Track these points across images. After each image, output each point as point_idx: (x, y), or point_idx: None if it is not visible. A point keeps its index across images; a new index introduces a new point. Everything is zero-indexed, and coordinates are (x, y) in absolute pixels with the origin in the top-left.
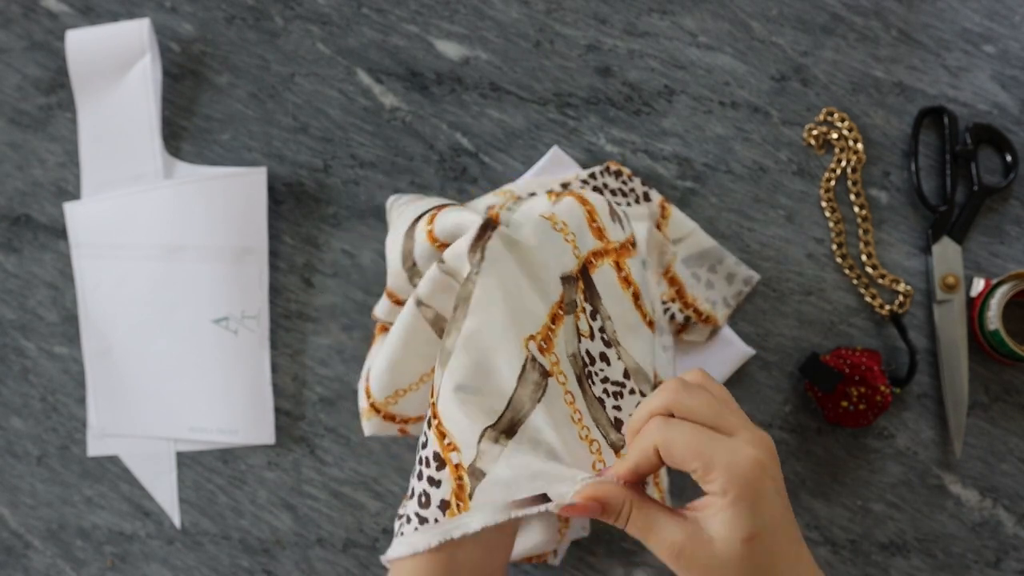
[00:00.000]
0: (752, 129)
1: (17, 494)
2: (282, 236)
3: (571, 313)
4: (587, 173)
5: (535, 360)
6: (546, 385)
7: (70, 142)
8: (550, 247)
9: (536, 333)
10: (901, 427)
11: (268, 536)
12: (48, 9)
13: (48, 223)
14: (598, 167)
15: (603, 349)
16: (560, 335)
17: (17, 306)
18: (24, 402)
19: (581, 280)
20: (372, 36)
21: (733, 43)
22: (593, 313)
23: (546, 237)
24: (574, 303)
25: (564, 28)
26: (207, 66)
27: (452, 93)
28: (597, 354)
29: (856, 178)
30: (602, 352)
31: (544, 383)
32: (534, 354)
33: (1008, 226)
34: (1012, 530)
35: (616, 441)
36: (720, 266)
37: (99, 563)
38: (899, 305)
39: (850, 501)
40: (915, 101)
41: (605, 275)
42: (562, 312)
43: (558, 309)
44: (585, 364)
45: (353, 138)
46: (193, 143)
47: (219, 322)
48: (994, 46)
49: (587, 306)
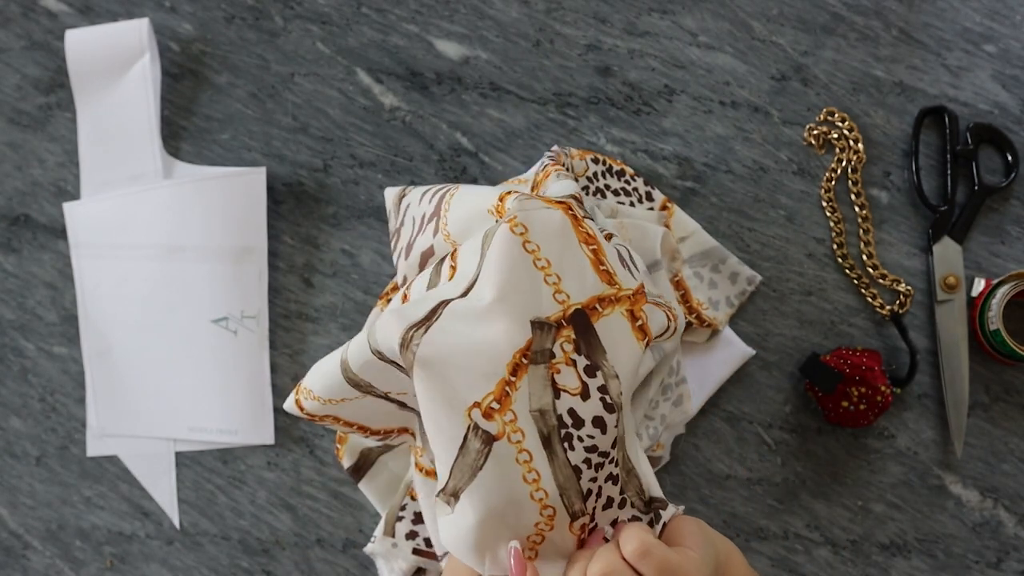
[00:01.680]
0: (752, 129)
1: (16, 494)
2: (282, 236)
3: (543, 363)
4: (591, 172)
5: (477, 428)
6: (488, 451)
7: (69, 142)
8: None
9: (483, 398)
10: (901, 427)
11: (268, 536)
12: (47, 9)
13: (47, 223)
14: (600, 166)
15: (601, 413)
16: (522, 388)
17: (16, 306)
18: (23, 402)
19: (571, 327)
20: (372, 36)
21: (733, 43)
22: (591, 368)
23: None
24: (548, 353)
25: (564, 28)
26: (207, 66)
27: (452, 93)
28: (590, 418)
29: (856, 178)
30: (598, 416)
31: (487, 449)
32: (476, 422)
33: (1009, 226)
34: (1013, 530)
35: (578, 511)
36: (723, 266)
37: (98, 563)
38: (899, 305)
39: (850, 501)
40: (916, 101)
41: (615, 325)
42: (526, 361)
43: (520, 358)
44: (563, 424)
45: (353, 138)
46: (193, 143)
47: (218, 322)
48: (995, 46)
49: (579, 359)
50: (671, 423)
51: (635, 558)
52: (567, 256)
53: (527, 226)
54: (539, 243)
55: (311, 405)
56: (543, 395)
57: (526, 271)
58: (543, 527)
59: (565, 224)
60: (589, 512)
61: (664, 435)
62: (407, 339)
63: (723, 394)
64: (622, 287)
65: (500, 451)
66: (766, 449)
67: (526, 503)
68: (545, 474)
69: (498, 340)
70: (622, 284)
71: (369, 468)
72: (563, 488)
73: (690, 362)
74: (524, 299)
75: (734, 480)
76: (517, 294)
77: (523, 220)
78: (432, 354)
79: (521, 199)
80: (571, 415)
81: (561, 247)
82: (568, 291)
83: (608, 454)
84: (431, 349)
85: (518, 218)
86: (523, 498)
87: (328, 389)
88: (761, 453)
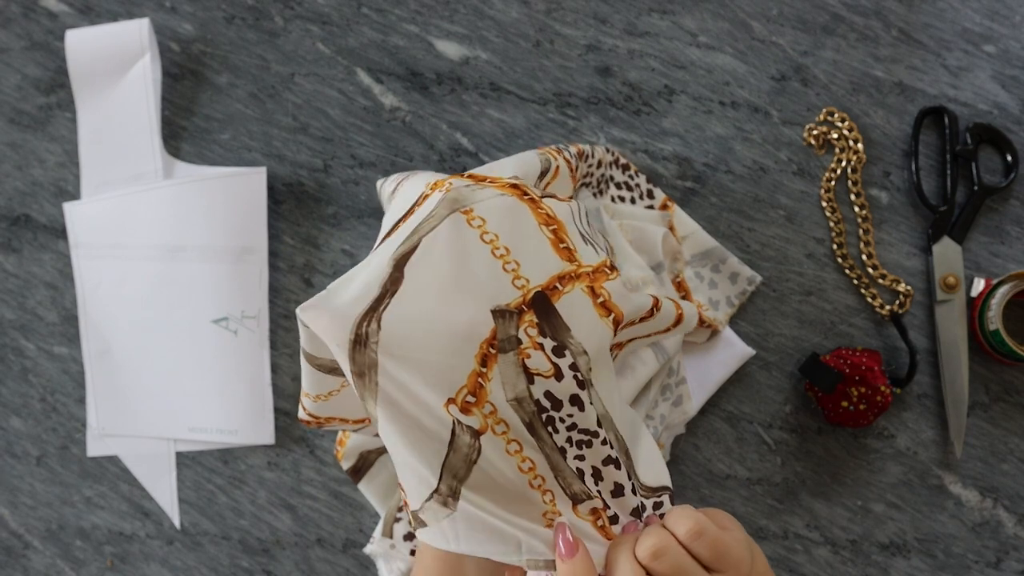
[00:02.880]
0: (752, 129)
1: (17, 494)
2: (282, 236)
3: (511, 351)
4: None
5: (461, 423)
6: (479, 446)
7: (70, 142)
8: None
9: (456, 393)
10: (901, 427)
11: (268, 536)
12: (48, 9)
13: (48, 223)
14: (609, 156)
15: (575, 391)
16: (494, 379)
17: (17, 306)
18: (24, 402)
19: (532, 311)
20: (372, 36)
21: (733, 43)
22: (558, 348)
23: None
24: (514, 340)
25: (564, 28)
26: (207, 66)
27: (452, 93)
28: (567, 397)
29: (856, 178)
30: (574, 395)
31: (476, 444)
32: (457, 417)
33: (1008, 226)
34: (1012, 530)
35: (579, 492)
36: (723, 266)
37: (99, 563)
38: (899, 305)
39: (850, 501)
40: (915, 101)
41: (576, 302)
42: (493, 351)
43: (488, 348)
44: (543, 409)
45: (353, 138)
46: (193, 143)
47: (219, 322)
48: (994, 46)
49: (546, 341)
50: (671, 423)
51: (689, 538)
52: (525, 240)
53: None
54: (496, 232)
55: (310, 406)
56: (517, 382)
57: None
58: (551, 515)
59: (520, 208)
60: (595, 495)
61: (664, 435)
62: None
63: (723, 394)
64: (582, 264)
65: (489, 444)
66: (766, 449)
67: (528, 492)
68: (539, 461)
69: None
70: (582, 261)
71: (368, 469)
72: (557, 470)
73: (690, 362)
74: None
75: (734, 480)
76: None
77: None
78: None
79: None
80: (548, 397)
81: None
82: (527, 275)
83: (594, 432)
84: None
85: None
86: (524, 488)
87: (311, 384)
88: (761, 453)
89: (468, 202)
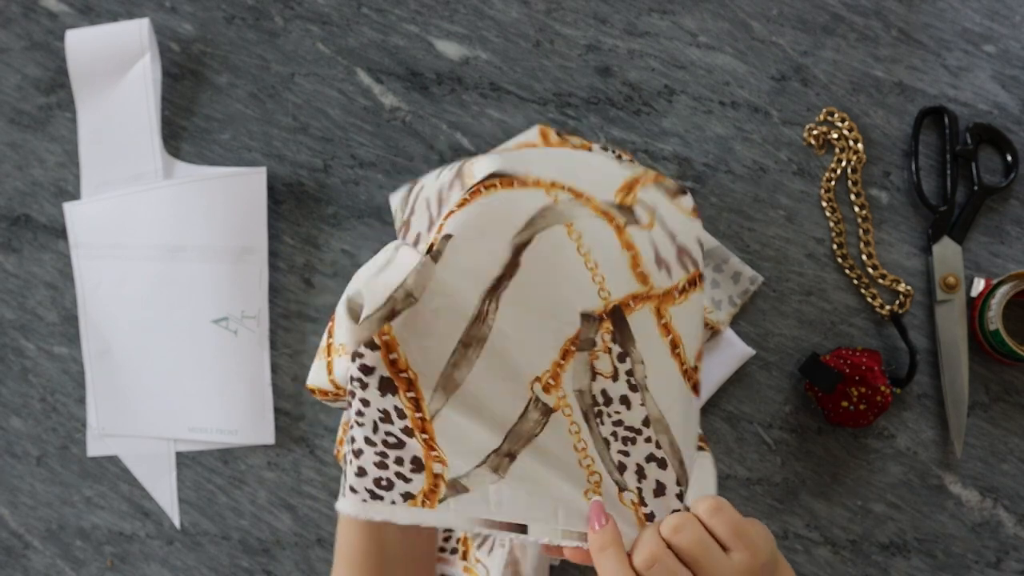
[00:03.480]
0: (752, 129)
1: (17, 494)
2: (282, 236)
3: (587, 350)
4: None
5: (538, 400)
6: (546, 422)
7: (70, 142)
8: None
9: (542, 374)
10: (901, 427)
11: (268, 536)
12: (48, 9)
13: (48, 223)
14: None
15: (626, 392)
16: (569, 370)
17: (17, 306)
18: (24, 402)
19: (610, 321)
20: (372, 36)
21: (733, 43)
22: (622, 355)
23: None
24: (591, 341)
25: (564, 28)
26: (207, 66)
27: (452, 93)
28: (618, 396)
29: (856, 178)
30: (624, 395)
31: (544, 420)
32: (538, 395)
33: (1008, 226)
34: (1012, 530)
35: (620, 481)
36: (725, 266)
37: (99, 563)
38: (899, 305)
39: (850, 501)
40: (915, 101)
41: (643, 320)
42: (574, 348)
43: (571, 345)
44: (596, 403)
45: (353, 138)
46: (193, 143)
47: (219, 322)
48: (994, 46)
49: (615, 347)
50: None
51: (708, 514)
52: (610, 259)
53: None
54: (590, 246)
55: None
56: (583, 377)
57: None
58: (591, 493)
59: (608, 232)
60: (634, 489)
61: None
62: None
63: (723, 394)
64: (653, 287)
65: (556, 421)
66: (766, 449)
67: (576, 469)
68: (590, 443)
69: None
70: (654, 284)
71: None
72: (602, 456)
73: None
74: (577, 293)
75: (734, 480)
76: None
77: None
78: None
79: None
80: (603, 395)
81: (606, 251)
82: (610, 288)
83: (639, 430)
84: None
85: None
86: (574, 463)
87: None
88: (761, 453)
89: (570, 217)
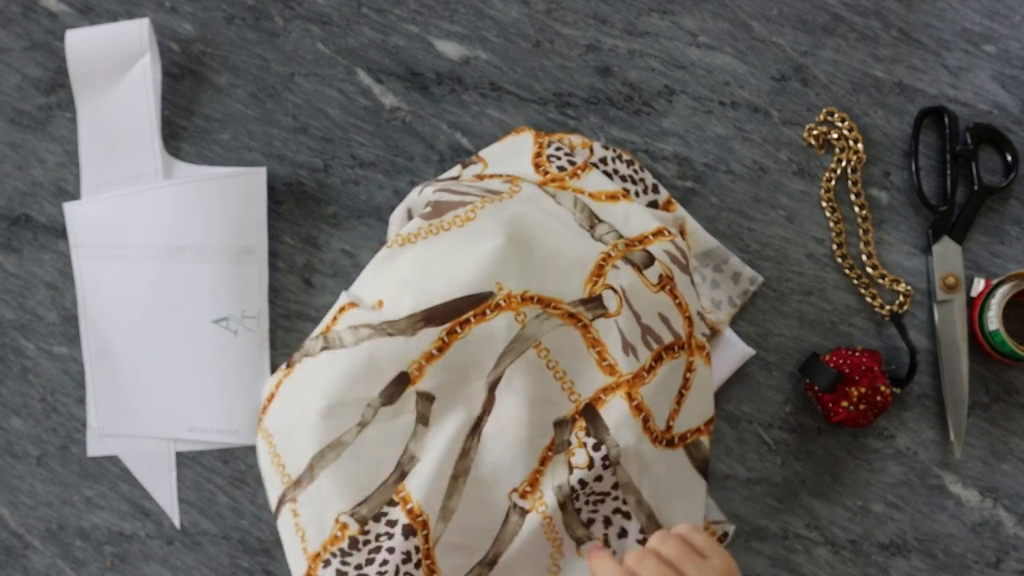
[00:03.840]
0: (752, 129)
1: (17, 494)
2: (282, 236)
3: (562, 452)
4: (599, 157)
5: (516, 506)
6: (523, 522)
7: (70, 142)
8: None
9: (519, 484)
10: (901, 427)
11: (268, 536)
12: (48, 9)
13: (48, 223)
14: (610, 152)
15: (601, 472)
16: (548, 473)
17: (17, 306)
18: (24, 402)
19: (583, 418)
20: (372, 36)
21: (733, 43)
22: (596, 445)
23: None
24: (567, 442)
25: (564, 28)
26: (207, 66)
27: (452, 93)
28: (592, 478)
29: (856, 178)
30: (599, 475)
31: (522, 521)
32: (515, 501)
33: (1008, 226)
34: (1012, 530)
35: (582, 536)
36: (725, 266)
37: (99, 563)
38: (899, 305)
39: (850, 501)
40: (915, 101)
41: (615, 407)
42: (551, 453)
43: (547, 452)
44: (574, 491)
45: (353, 138)
46: (193, 143)
47: (219, 322)
48: (994, 46)
49: (588, 440)
50: None
51: (688, 528)
52: (577, 361)
53: (548, 348)
54: (557, 359)
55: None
56: (562, 474)
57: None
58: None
59: (574, 336)
60: (600, 536)
61: None
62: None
63: (723, 394)
64: (622, 374)
65: (531, 521)
66: (766, 449)
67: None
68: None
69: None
70: (622, 371)
71: None
72: (568, 525)
73: None
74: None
75: (734, 480)
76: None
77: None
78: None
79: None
80: (579, 483)
81: (572, 355)
82: (580, 391)
83: (608, 493)
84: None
85: (542, 343)
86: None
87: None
88: (761, 453)
89: (537, 336)
